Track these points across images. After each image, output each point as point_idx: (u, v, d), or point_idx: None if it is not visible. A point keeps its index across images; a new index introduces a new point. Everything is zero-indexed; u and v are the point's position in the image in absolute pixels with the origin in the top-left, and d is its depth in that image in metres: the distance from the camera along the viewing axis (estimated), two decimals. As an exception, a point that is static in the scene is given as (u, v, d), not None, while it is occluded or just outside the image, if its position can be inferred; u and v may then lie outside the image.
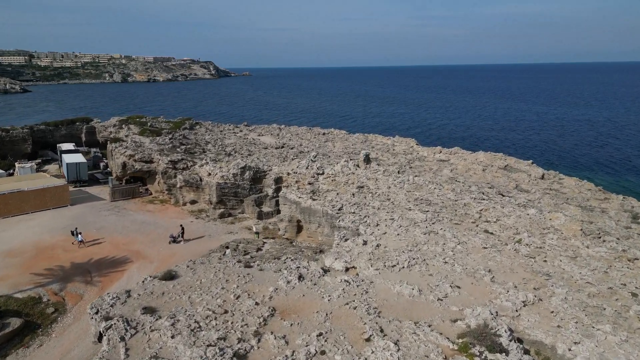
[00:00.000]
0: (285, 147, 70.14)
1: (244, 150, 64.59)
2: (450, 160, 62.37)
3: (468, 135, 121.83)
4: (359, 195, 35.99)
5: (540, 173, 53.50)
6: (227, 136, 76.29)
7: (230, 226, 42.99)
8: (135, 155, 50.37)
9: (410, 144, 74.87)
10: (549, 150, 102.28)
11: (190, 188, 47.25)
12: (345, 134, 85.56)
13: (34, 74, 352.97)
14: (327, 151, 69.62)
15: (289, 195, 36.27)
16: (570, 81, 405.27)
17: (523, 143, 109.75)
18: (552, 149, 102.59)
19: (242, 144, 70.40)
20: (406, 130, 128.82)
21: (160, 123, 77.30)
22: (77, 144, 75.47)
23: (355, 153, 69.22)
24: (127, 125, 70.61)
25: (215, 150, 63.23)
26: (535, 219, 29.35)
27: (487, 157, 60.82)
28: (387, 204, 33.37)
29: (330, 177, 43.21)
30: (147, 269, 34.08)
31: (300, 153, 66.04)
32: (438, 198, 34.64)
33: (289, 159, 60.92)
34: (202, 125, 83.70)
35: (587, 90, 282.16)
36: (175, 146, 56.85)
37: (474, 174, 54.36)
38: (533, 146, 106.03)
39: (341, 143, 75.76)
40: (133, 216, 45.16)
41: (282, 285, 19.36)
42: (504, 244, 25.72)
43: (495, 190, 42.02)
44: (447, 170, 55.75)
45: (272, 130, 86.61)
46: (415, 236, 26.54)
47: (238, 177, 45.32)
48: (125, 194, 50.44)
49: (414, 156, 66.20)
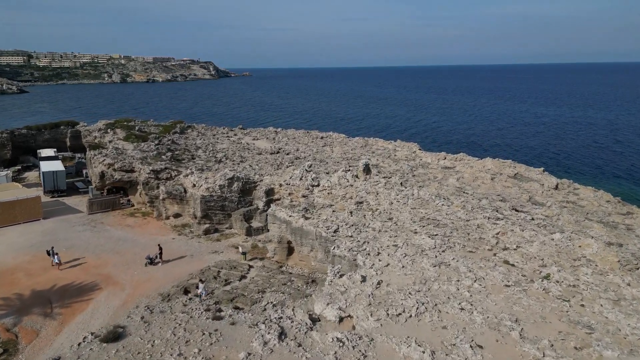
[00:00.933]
0: (280, 153, 65.87)
1: (236, 157, 60.29)
2: (455, 168, 58.06)
3: (472, 138, 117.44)
4: (357, 214, 31.69)
5: (553, 183, 49.17)
6: (220, 140, 72.03)
7: (215, 244, 38.64)
8: (114, 164, 46.01)
9: (412, 149, 70.55)
10: (556, 154, 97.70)
11: (173, 200, 42.94)
12: (345, 138, 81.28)
13: (33, 74, 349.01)
14: (325, 157, 65.34)
15: (278, 214, 31.99)
16: (571, 82, 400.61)
17: (529, 146, 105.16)
18: (560, 153, 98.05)
19: (235, 149, 66.13)
20: (407, 133, 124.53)
21: (149, 127, 73.00)
22: (62, 149, 71.20)
23: (355, 159, 64.93)
24: (113, 129, 66.31)
25: (206, 157, 58.95)
26: (562, 246, 25.05)
27: (495, 164, 56.48)
28: (389, 224, 29.07)
29: (326, 189, 38.91)
30: (116, 298, 29.78)
31: (296, 159, 61.80)
32: (447, 217, 30.35)
33: (283, 166, 56.65)
34: (194, 129, 79.43)
35: (588, 91, 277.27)
36: (161, 153, 52.48)
37: (482, 183, 50.01)
38: (540, 150, 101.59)
39: (340, 148, 71.47)
40: (109, 232, 40.80)
41: (257, 348, 15.09)
42: (530, 281, 21.44)
43: (508, 205, 37.69)
44: (454, 180, 51.45)
45: (267, 134, 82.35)
46: (424, 269, 22.26)
47: (225, 189, 40.99)
48: (104, 206, 46.15)
49: (417, 163, 61.89)
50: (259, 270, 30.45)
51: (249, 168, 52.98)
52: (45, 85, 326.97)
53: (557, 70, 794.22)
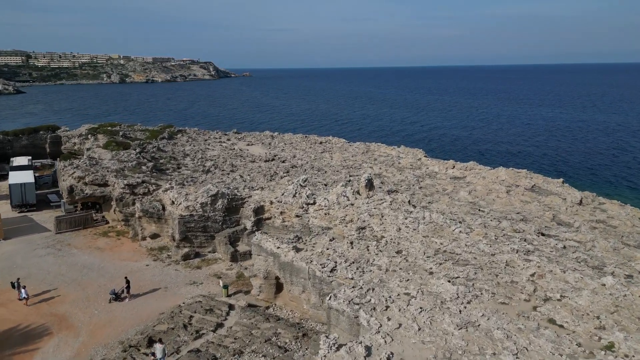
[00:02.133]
0: (275, 160, 60.49)
1: (226, 165, 54.88)
2: (466, 178, 52.62)
3: (479, 143, 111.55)
4: (359, 244, 26.27)
5: (577, 197, 43.65)
6: (211, 146, 66.66)
7: (194, 273, 33.23)
8: (85, 176, 40.51)
9: (417, 155, 65.10)
10: (571, 160, 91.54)
11: (150, 219, 37.52)
12: (345, 143, 75.86)
13: (31, 74, 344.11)
14: (324, 165, 59.94)
15: (265, 244, 26.58)
16: (575, 83, 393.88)
17: (542, 152, 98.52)
18: (575, 160, 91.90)
19: (227, 156, 60.76)
20: (410, 136, 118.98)
21: (135, 132, 67.66)
22: (41, 156, 65.84)
23: (356, 167, 59.52)
24: (95, 135, 60.98)
25: (193, 165, 53.58)
26: (619, 297, 19.65)
27: (509, 174, 51.02)
28: (398, 260, 23.68)
29: (322, 209, 33.51)
30: (67, 347, 24.31)
31: (292, 168, 56.43)
32: (467, 250, 24.95)
33: (277, 176, 51.26)
34: (184, 134, 74.06)
35: (595, 92, 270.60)
36: (142, 163, 47.01)
37: (498, 197, 44.57)
38: (553, 156, 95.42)
39: (340, 154, 66.05)
40: (75, 257, 35.33)
41: None
42: (589, 354, 16.07)
43: (532, 228, 32.27)
44: (465, 193, 46.03)
45: (263, 139, 76.99)
46: (446, 334, 16.90)
47: (208, 208, 35.60)
48: (74, 224, 40.73)
49: (423, 172, 56.44)
50: (240, 313, 25.05)
51: (239, 179, 47.64)
52: (44, 86, 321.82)
53: (560, 71, 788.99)
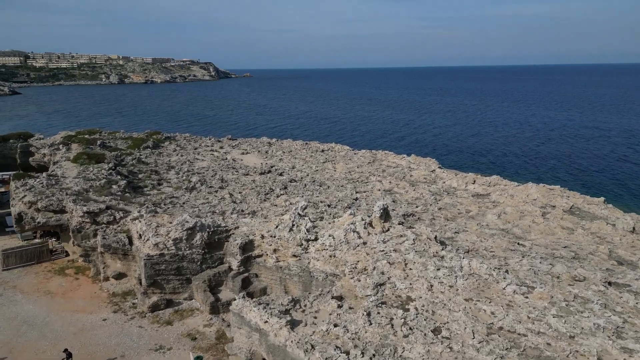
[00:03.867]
0: (272, 173, 52.99)
1: (215, 180, 47.32)
2: (491, 196, 45.03)
3: (496, 150, 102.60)
4: (378, 316, 18.79)
5: (629, 223, 35.98)
6: (201, 156, 59.19)
7: (163, 331, 25.76)
8: (38, 201, 32.97)
9: (430, 166, 57.60)
10: (605, 172, 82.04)
11: (114, 255, 30.19)
12: (349, 151, 68.35)
13: (29, 75, 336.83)
14: (326, 178, 52.44)
15: (248, 315, 19.03)
16: (586, 84, 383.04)
17: (571, 162, 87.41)
18: (608, 171, 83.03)
19: (218, 168, 53.28)
20: (417, 142, 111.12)
21: (116, 140, 60.14)
22: (12, 168, 58.48)
23: (362, 180, 51.96)
24: (69, 144, 53.50)
25: (178, 181, 46.05)
26: None
27: (541, 192, 43.50)
28: (438, 349, 16.21)
29: (326, 249, 26.07)
30: None
31: (291, 182, 48.94)
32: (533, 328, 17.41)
33: (273, 194, 43.77)
34: (172, 141, 66.57)
35: (608, 94, 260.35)
36: (113, 181, 39.34)
37: (534, 222, 36.98)
38: (584, 166, 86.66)
39: (344, 164, 58.58)
40: (18, 305, 27.84)
41: None
42: None
43: (597, 275, 24.73)
44: (494, 216, 38.50)
45: (259, 146, 69.51)
46: None
47: (183, 244, 28.17)
48: (26, 258, 33.29)
49: (440, 187, 48.86)
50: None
51: (228, 199, 40.13)
52: (41, 87, 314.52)
53: (563, 72, 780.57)
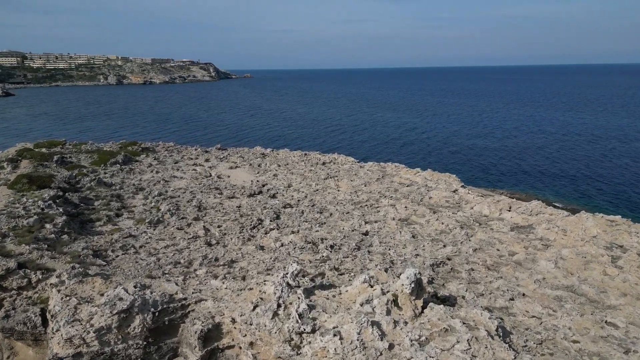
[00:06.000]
0: (263, 194, 43.34)
1: (191, 208, 37.44)
2: (535, 230, 35.12)
3: (511, 158, 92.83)
4: None
5: None
6: (181, 172, 49.54)
7: None
8: None
9: (451, 184, 47.90)
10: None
11: (22, 341, 20.72)
12: (353, 163, 58.67)
13: (25, 76, 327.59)
14: (328, 201, 42.61)
15: None
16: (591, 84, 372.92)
17: (615, 180, 76.36)
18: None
19: (197, 189, 43.60)
20: (426, 149, 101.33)
21: (80, 154, 50.51)
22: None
23: (372, 205, 42.18)
24: (18, 161, 43.86)
25: (143, 210, 36.25)
26: None
27: (599, 225, 33.62)
28: None
29: (329, 355, 16.51)
30: None
31: (285, 208, 39.24)
32: None
33: (262, 227, 34.15)
34: (150, 153, 56.95)
35: (621, 96, 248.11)
36: (49, 217, 29.39)
37: (606, 275, 27.08)
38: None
39: (348, 181, 48.94)
40: None
41: None
42: None
43: None
44: (549, 263, 28.64)
45: (252, 159, 59.87)
46: None
47: (112, 336, 18.66)
48: None
49: (468, 215, 38.88)
50: None
51: (201, 239, 30.43)
52: (38, 88, 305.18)
53: (565, 72, 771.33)
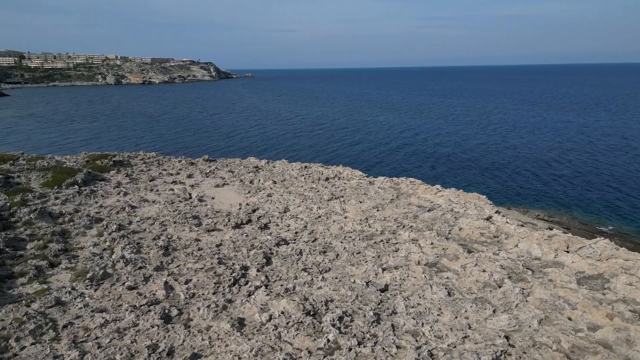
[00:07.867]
0: (253, 224, 34.12)
1: (154, 252, 27.96)
2: (609, 282, 25.51)
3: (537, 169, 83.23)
4: None
5: None
6: (154, 193, 40.32)
7: None
8: None
9: (482, 209, 38.48)
10: None
11: None
12: (361, 178, 49.44)
13: (23, 75, 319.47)
14: (333, 233, 33.15)
15: None
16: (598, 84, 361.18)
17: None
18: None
19: (170, 217, 34.32)
20: (436, 157, 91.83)
21: (32, 172, 41.42)
22: None
23: (389, 241, 32.23)
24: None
25: (90, 254, 27.07)
26: None
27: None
28: None
29: None
30: None
31: (278, 246, 29.87)
32: None
33: (244, 285, 24.77)
34: (123, 168, 47.83)
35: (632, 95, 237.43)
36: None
37: None
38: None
39: (356, 202, 39.65)
40: None
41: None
42: None
43: None
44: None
45: (243, 173, 50.71)
46: None
47: None
48: None
49: (515, 258, 29.31)
50: None
51: (156, 309, 21.33)
52: (35, 88, 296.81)
53: (571, 72, 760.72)
